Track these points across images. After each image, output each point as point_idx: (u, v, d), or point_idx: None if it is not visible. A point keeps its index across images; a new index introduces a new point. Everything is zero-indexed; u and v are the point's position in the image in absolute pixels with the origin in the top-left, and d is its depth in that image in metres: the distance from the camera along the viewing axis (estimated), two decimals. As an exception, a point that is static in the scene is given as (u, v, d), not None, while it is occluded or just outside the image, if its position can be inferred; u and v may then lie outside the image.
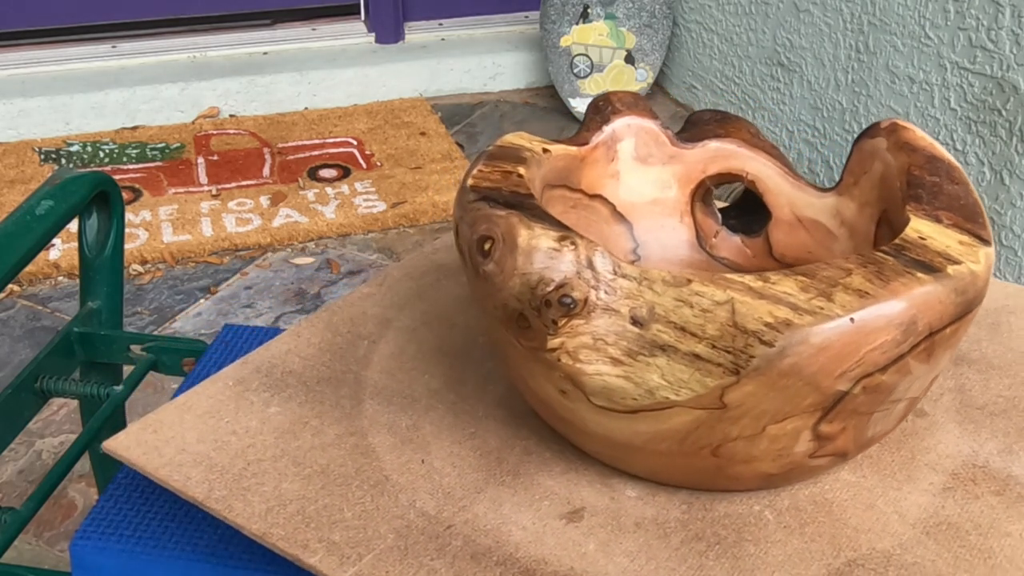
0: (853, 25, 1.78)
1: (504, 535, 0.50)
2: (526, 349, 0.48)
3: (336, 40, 2.52)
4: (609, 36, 2.30)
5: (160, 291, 1.71)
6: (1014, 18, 1.41)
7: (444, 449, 0.56)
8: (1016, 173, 1.44)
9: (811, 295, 0.44)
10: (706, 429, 0.47)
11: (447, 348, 0.64)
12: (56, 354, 0.83)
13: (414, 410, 0.59)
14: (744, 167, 0.62)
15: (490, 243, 0.48)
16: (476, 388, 0.60)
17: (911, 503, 0.53)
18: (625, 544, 0.50)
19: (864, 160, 0.58)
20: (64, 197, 0.80)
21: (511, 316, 0.48)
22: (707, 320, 0.44)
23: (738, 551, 0.50)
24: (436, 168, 2.10)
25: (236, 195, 1.99)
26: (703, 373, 0.45)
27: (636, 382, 0.46)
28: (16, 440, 1.19)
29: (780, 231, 0.62)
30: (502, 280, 0.47)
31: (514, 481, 0.54)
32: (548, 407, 0.52)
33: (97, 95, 2.23)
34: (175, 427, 0.57)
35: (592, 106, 0.62)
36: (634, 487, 0.54)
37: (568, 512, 0.52)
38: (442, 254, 0.73)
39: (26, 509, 0.70)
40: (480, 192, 0.51)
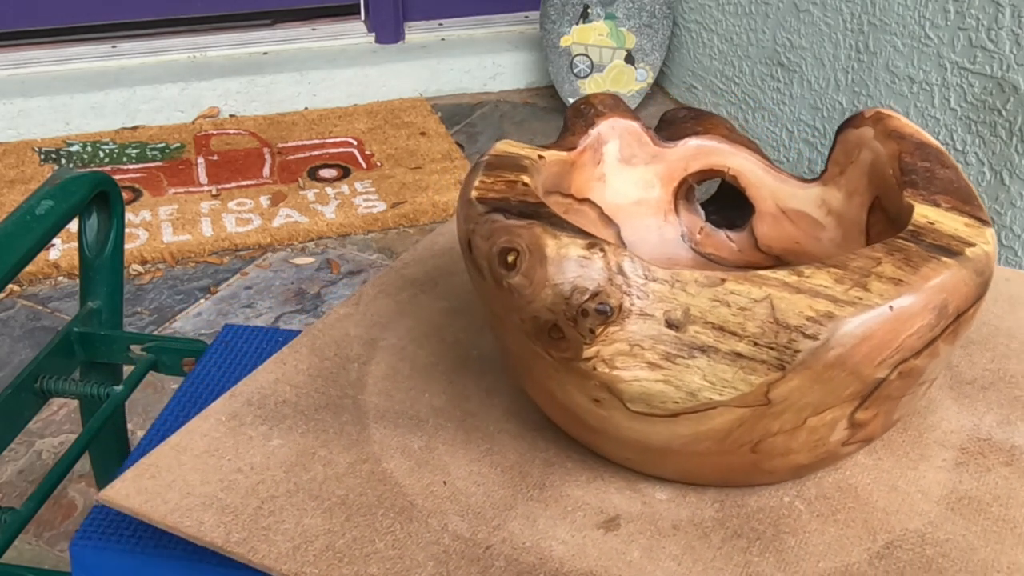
0: (853, 25, 1.78)
1: (545, 551, 0.49)
2: (557, 360, 0.47)
3: (336, 40, 2.52)
4: (609, 36, 2.30)
5: (160, 291, 1.71)
6: (1014, 18, 1.41)
7: (463, 468, 0.54)
8: (1016, 173, 1.44)
9: (847, 286, 0.44)
10: (748, 426, 0.47)
11: (442, 364, 0.62)
12: (56, 354, 0.83)
13: (423, 431, 0.57)
14: (725, 163, 0.62)
15: (514, 255, 0.47)
16: (481, 403, 0.59)
17: (930, 481, 0.55)
18: (668, 548, 0.50)
19: (850, 150, 0.59)
20: (64, 197, 0.80)
21: (542, 328, 0.47)
22: (746, 318, 0.44)
23: (779, 544, 0.50)
24: (436, 168, 2.10)
25: (236, 195, 1.99)
26: (747, 371, 0.44)
27: (676, 385, 0.45)
28: (16, 440, 1.19)
29: (764, 224, 0.63)
30: (532, 292, 0.46)
31: (542, 495, 0.53)
32: (576, 418, 0.51)
33: (97, 95, 2.23)
34: (174, 470, 0.54)
35: (573, 110, 0.61)
36: (663, 490, 0.54)
37: (604, 521, 0.52)
38: (412, 269, 0.71)
39: (26, 509, 0.70)
40: (489, 204, 0.50)
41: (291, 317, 1.64)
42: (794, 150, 2.00)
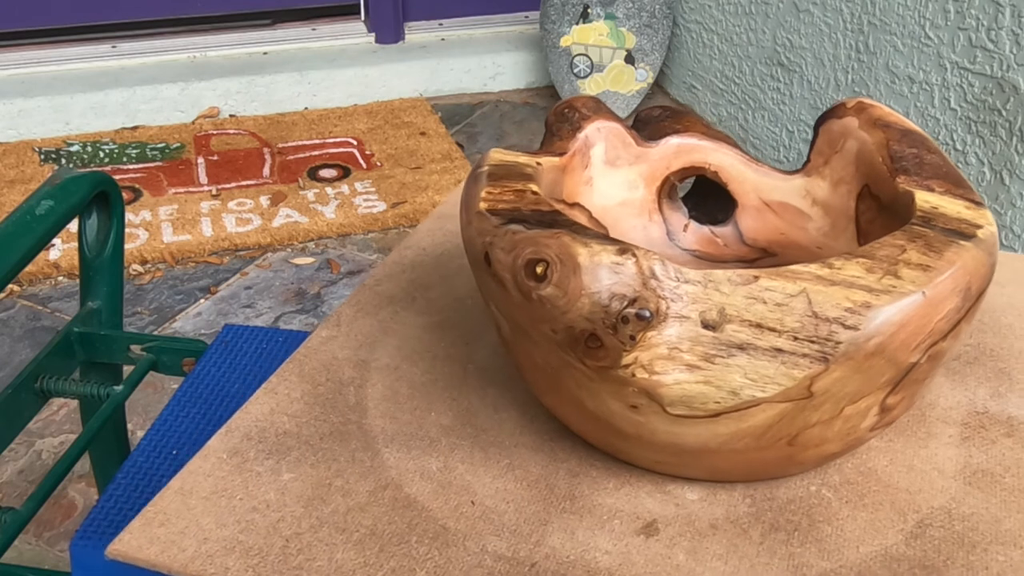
0: (853, 25, 1.78)
1: (591, 563, 0.49)
2: (592, 369, 0.47)
3: (336, 40, 2.53)
4: (609, 36, 2.30)
5: (160, 291, 1.71)
6: (1014, 18, 1.41)
7: (488, 486, 0.53)
8: (1016, 173, 1.44)
9: (879, 275, 0.45)
10: (788, 420, 0.47)
11: (441, 381, 0.61)
12: (56, 354, 0.83)
13: (437, 451, 0.55)
14: (707, 159, 0.62)
15: (543, 266, 0.46)
16: (490, 418, 0.58)
17: (942, 458, 0.56)
18: (711, 548, 0.50)
19: (833, 140, 0.59)
20: (64, 197, 0.80)
21: (577, 338, 0.46)
22: (784, 313, 0.45)
23: (817, 533, 0.51)
24: (436, 168, 2.10)
25: (236, 195, 1.99)
26: (789, 366, 0.45)
27: (717, 385, 0.45)
28: (16, 440, 1.19)
29: (748, 217, 0.63)
30: (567, 302, 0.45)
31: (574, 506, 0.52)
32: (607, 426, 0.50)
33: (97, 95, 2.23)
34: (184, 515, 0.51)
35: (556, 115, 0.60)
36: (692, 490, 0.54)
37: (642, 527, 0.51)
38: (387, 285, 0.69)
39: (26, 509, 0.70)
40: (503, 215, 0.49)
41: (291, 317, 1.64)
42: (794, 150, 2.00)
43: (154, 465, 0.67)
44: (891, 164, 0.55)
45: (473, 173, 0.53)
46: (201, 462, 0.55)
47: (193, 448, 0.69)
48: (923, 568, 0.49)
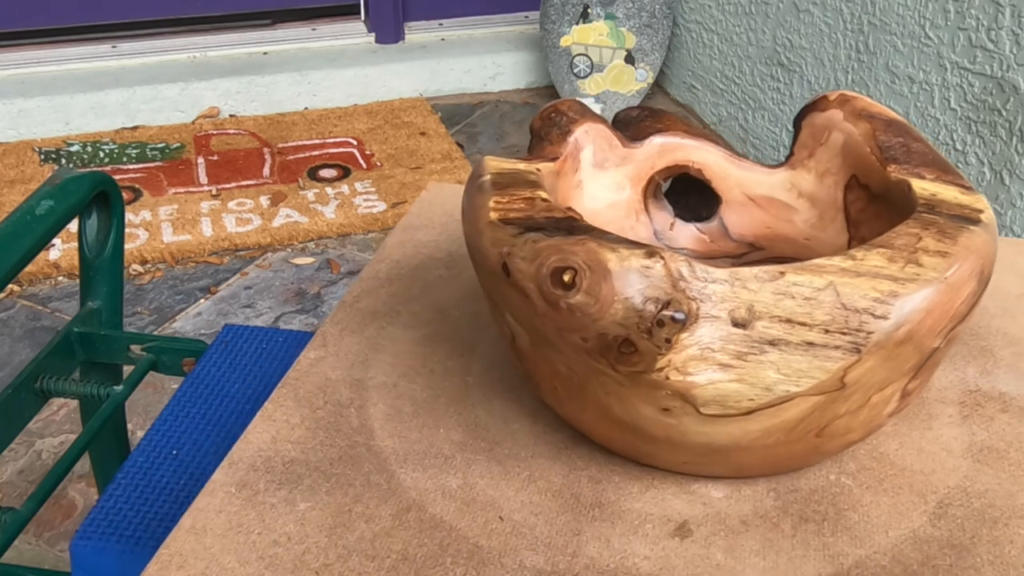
0: (853, 25, 1.78)
1: (633, 570, 0.49)
2: (624, 375, 0.46)
3: (336, 40, 2.53)
4: (609, 36, 2.30)
5: (160, 291, 1.71)
6: (1014, 18, 1.41)
7: (513, 500, 0.52)
8: (1016, 173, 1.44)
9: (901, 264, 0.46)
10: (819, 413, 0.47)
11: (443, 396, 0.59)
12: (56, 354, 0.83)
13: (454, 468, 0.54)
14: (689, 157, 0.63)
15: (571, 274, 0.45)
16: (501, 431, 0.57)
17: (948, 437, 0.58)
18: (746, 544, 0.50)
19: (817, 133, 0.60)
20: (64, 197, 0.80)
21: (610, 344, 0.45)
22: (813, 307, 0.45)
23: (845, 521, 0.52)
24: (436, 168, 2.10)
25: (236, 195, 1.99)
26: (822, 359, 0.45)
27: (751, 382, 0.45)
28: (16, 440, 1.19)
29: (733, 212, 0.63)
30: (599, 309, 0.45)
31: (603, 513, 0.52)
32: (635, 430, 0.50)
33: (97, 95, 2.23)
34: (202, 555, 0.49)
35: (543, 120, 0.60)
36: (716, 488, 0.54)
37: (675, 529, 0.51)
38: (367, 301, 0.67)
39: (26, 509, 0.70)
40: (518, 223, 0.48)
41: (291, 317, 1.64)
42: (794, 150, 2.00)
43: (154, 465, 0.67)
44: (880, 154, 0.56)
45: (474, 183, 0.53)
46: (209, 498, 0.52)
47: (193, 448, 0.69)
48: (952, 547, 0.50)
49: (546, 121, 0.59)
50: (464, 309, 0.66)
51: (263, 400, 0.74)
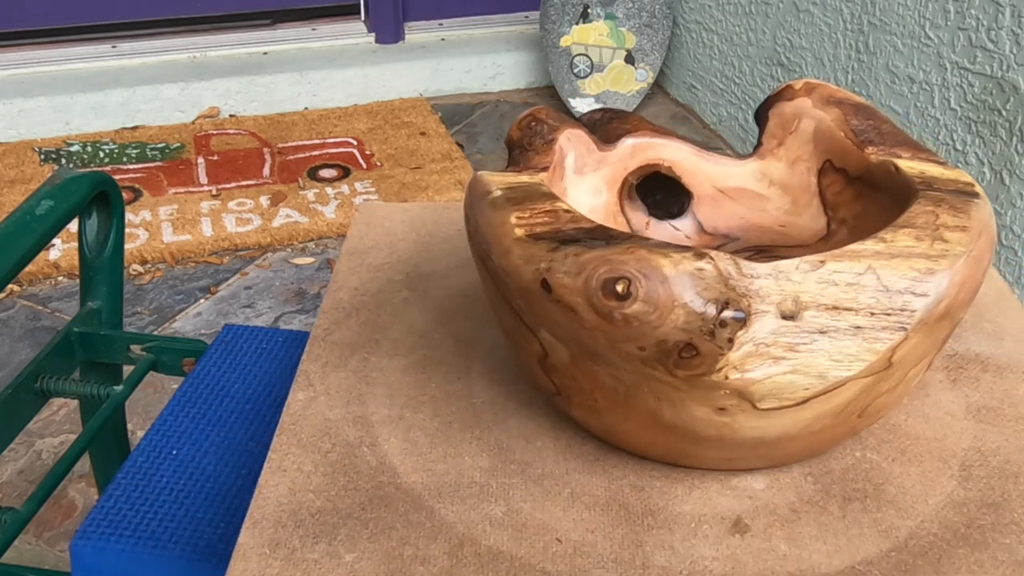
0: (853, 25, 1.78)
1: (705, 573, 0.49)
2: (682, 379, 0.46)
3: (336, 40, 2.53)
4: (609, 36, 2.30)
5: (160, 291, 1.71)
6: (1014, 18, 1.41)
7: (563, 520, 0.51)
8: (1016, 173, 1.44)
9: (928, 242, 0.48)
10: (865, 394, 0.48)
11: (455, 423, 0.58)
12: (56, 354, 0.83)
13: (493, 495, 0.53)
14: (660, 155, 0.63)
15: (624, 283, 0.44)
16: (527, 451, 0.56)
17: (946, 402, 0.60)
18: (804, 531, 0.51)
19: (787, 122, 0.62)
20: (64, 197, 0.80)
21: (670, 350, 0.45)
22: (857, 292, 0.46)
23: (885, 496, 0.53)
24: (436, 168, 2.10)
25: (236, 195, 1.99)
26: (871, 341, 0.46)
27: (805, 372, 0.46)
28: (16, 440, 1.19)
29: (705, 207, 0.64)
30: (658, 316, 0.44)
31: (657, 520, 0.51)
32: (683, 433, 0.50)
33: (97, 95, 2.23)
34: None
35: (522, 130, 0.58)
36: (756, 480, 0.54)
37: (732, 527, 0.51)
38: (339, 333, 0.64)
39: (26, 509, 0.70)
40: (550, 238, 0.47)
41: (291, 317, 1.64)
42: (794, 150, 2.00)
43: (154, 465, 0.67)
44: (855, 137, 0.58)
45: (482, 200, 0.51)
46: (244, 563, 0.49)
47: (193, 448, 0.69)
48: (988, 506, 0.53)
49: (526, 130, 0.58)
50: (444, 330, 0.65)
51: (263, 400, 0.75)
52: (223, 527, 0.62)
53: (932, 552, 0.50)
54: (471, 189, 0.53)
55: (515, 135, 0.58)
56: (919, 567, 0.49)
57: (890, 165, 0.55)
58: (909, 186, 0.53)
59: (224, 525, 0.62)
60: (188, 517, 0.63)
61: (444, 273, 0.70)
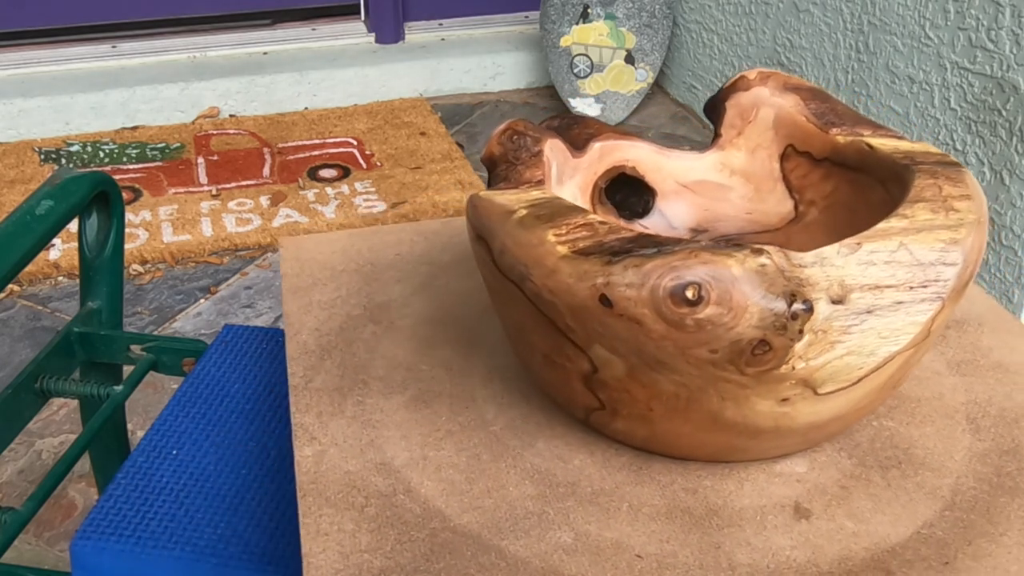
0: (853, 25, 1.78)
1: (791, 562, 0.49)
2: (751, 376, 0.46)
3: (336, 40, 2.53)
4: (609, 36, 2.30)
5: (160, 291, 1.71)
6: (1014, 18, 1.41)
7: (635, 535, 0.51)
8: (1016, 173, 1.44)
9: (943, 214, 0.49)
10: (904, 365, 0.50)
11: (484, 454, 0.55)
12: (56, 354, 0.83)
13: (555, 523, 0.51)
14: (625, 156, 0.63)
15: (694, 289, 0.44)
16: (568, 471, 0.54)
17: (928, 361, 0.63)
18: (860, 506, 0.53)
19: (745, 111, 0.63)
20: (64, 197, 0.80)
21: (743, 349, 0.45)
22: (894, 269, 0.47)
23: (916, 459, 0.56)
24: (436, 168, 2.10)
25: (236, 195, 1.99)
26: (913, 314, 0.48)
27: (858, 353, 0.47)
28: (16, 440, 1.19)
29: (670, 203, 0.65)
30: (733, 317, 0.44)
31: (723, 520, 0.52)
32: (741, 430, 0.50)
33: (97, 95, 2.23)
34: None
35: (505, 144, 0.57)
36: (796, 463, 0.56)
37: (794, 512, 0.52)
38: (320, 378, 0.61)
39: (26, 509, 0.70)
40: (599, 252, 0.46)
41: (291, 317, 1.64)
42: (794, 150, 2.00)
43: (154, 465, 0.67)
44: (817, 121, 0.60)
45: (508, 221, 0.50)
46: None
47: (193, 448, 0.69)
48: (1006, 454, 0.56)
49: (509, 145, 0.57)
50: (429, 361, 0.62)
51: (263, 400, 0.75)
52: (223, 527, 0.62)
53: (979, 505, 0.53)
54: (480, 212, 0.52)
55: (496, 151, 0.57)
56: (974, 522, 0.52)
57: (862, 144, 0.57)
58: (892, 162, 0.54)
59: (224, 525, 0.62)
60: (188, 517, 0.63)
61: (402, 301, 0.68)
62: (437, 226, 0.78)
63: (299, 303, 0.68)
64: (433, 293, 0.69)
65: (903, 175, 0.53)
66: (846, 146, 0.58)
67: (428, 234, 0.77)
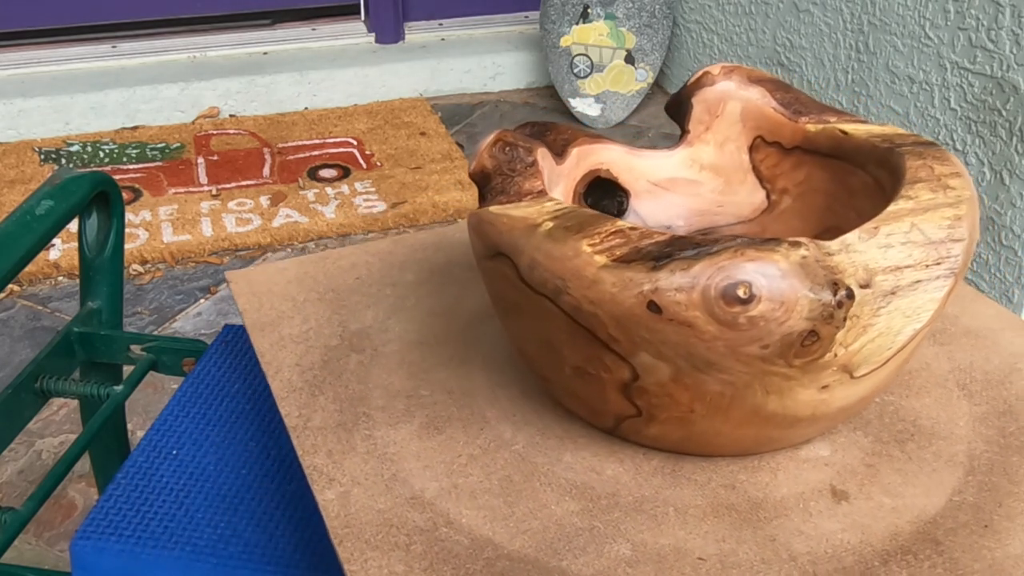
0: (853, 25, 1.78)
1: (844, 544, 0.50)
2: (798, 367, 0.47)
3: (336, 40, 2.53)
4: (609, 36, 2.30)
5: (160, 291, 1.71)
6: (1014, 18, 1.41)
7: (689, 538, 0.50)
8: (1016, 173, 1.44)
9: (942, 192, 0.51)
10: (919, 339, 0.51)
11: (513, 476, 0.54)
12: (56, 354, 0.83)
13: (608, 535, 0.51)
14: (599, 159, 0.63)
15: (744, 287, 0.44)
16: (603, 481, 0.54)
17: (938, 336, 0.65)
18: (892, 481, 0.54)
19: (712, 107, 0.64)
20: (64, 197, 0.80)
21: (793, 342, 0.46)
22: (910, 249, 0.49)
23: (925, 429, 0.57)
24: (436, 168, 2.10)
25: (236, 195, 1.99)
26: (931, 291, 0.49)
27: (887, 333, 0.48)
28: (16, 440, 1.19)
29: (643, 202, 0.65)
30: (785, 311, 0.45)
31: (768, 512, 0.52)
32: (780, 421, 0.50)
33: (97, 95, 2.23)
34: None
35: (498, 158, 0.56)
36: (814, 449, 0.57)
37: (832, 496, 0.53)
38: (317, 417, 0.58)
39: (26, 509, 0.70)
40: (640, 258, 0.46)
41: (291, 317, 1.64)
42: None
43: (154, 465, 0.67)
44: (785, 111, 0.61)
45: (535, 235, 0.49)
46: None
47: (193, 448, 0.69)
48: (1004, 415, 0.58)
49: (501, 157, 0.56)
50: (429, 385, 0.61)
51: (263, 400, 0.75)
52: (223, 527, 0.62)
53: (996, 468, 0.55)
54: (498, 228, 0.50)
55: (488, 164, 0.55)
56: (998, 484, 0.54)
57: (835, 131, 0.58)
58: (872, 147, 0.56)
59: (224, 525, 0.62)
60: (188, 517, 0.63)
61: (378, 326, 0.66)
62: (388, 245, 0.76)
63: (270, 339, 0.65)
64: (408, 315, 0.67)
65: (888, 158, 0.55)
66: (818, 134, 0.60)
67: (382, 255, 0.75)
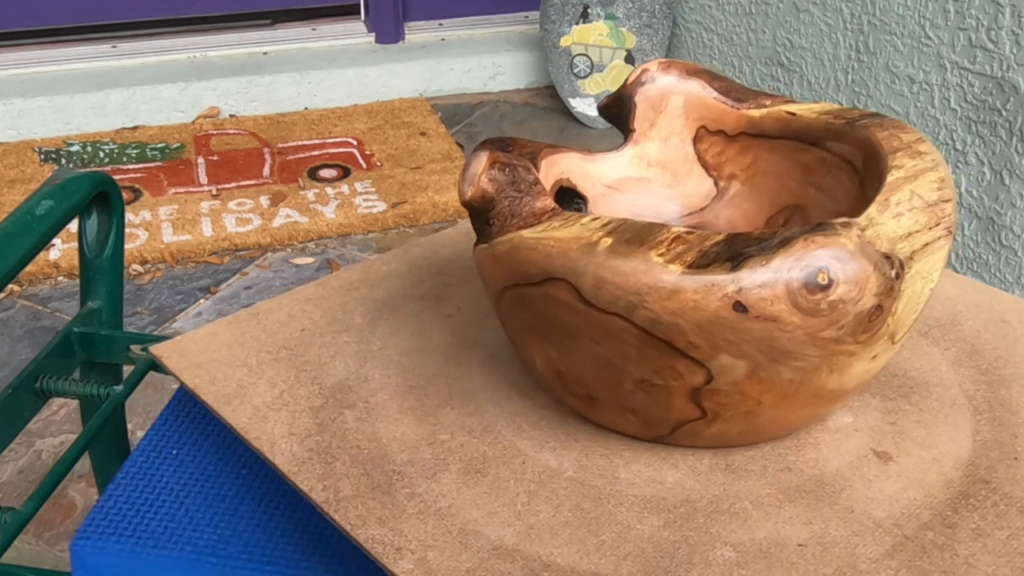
0: (853, 25, 1.78)
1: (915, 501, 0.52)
2: (861, 343, 0.49)
3: (336, 40, 2.53)
4: (609, 36, 2.30)
5: (160, 291, 1.71)
6: (1014, 18, 1.41)
7: (779, 529, 0.51)
8: (1016, 173, 1.44)
9: (917, 159, 0.53)
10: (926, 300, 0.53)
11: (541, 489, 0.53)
12: (56, 354, 0.83)
13: (705, 549, 0.50)
14: (560, 169, 0.62)
15: (823, 273, 0.46)
16: (674, 490, 0.53)
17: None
18: (917, 434, 0.56)
19: (655, 103, 0.65)
20: (64, 197, 0.80)
21: (863, 318, 0.48)
22: (915, 215, 0.51)
23: (932, 398, 0.59)
24: (436, 168, 2.10)
25: (236, 195, 1.99)
26: (938, 251, 0.51)
27: (913, 297, 0.50)
28: (16, 440, 1.19)
29: (599, 206, 0.65)
30: (859, 291, 0.47)
31: (832, 486, 0.53)
32: (833, 396, 0.52)
33: (97, 95, 2.23)
34: None
35: (495, 180, 0.54)
36: (838, 419, 0.58)
37: (878, 460, 0.55)
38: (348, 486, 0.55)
39: (26, 509, 0.70)
40: (711, 260, 0.46)
41: (291, 317, 1.64)
42: (794, 150, 2.00)
43: (154, 465, 0.67)
44: (727, 99, 0.63)
45: (596, 252, 0.48)
46: None
47: (193, 448, 0.69)
48: (975, 354, 0.61)
49: (504, 178, 0.53)
50: (444, 428, 0.58)
51: (263, 400, 0.74)
52: (223, 527, 0.62)
53: (995, 403, 0.58)
54: (548, 252, 0.49)
55: (489, 188, 0.53)
56: (1004, 418, 0.57)
57: (782, 113, 0.61)
58: (826, 124, 0.58)
59: (224, 525, 0.62)
60: (188, 517, 0.63)
61: (357, 377, 0.63)
62: (316, 290, 0.72)
63: (245, 413, 0.60)
64: (381, 361, 0.64)
65: (850, 132, 0.56)
66: (763, 117, 0.61)
67: (315, 300, 0.70)
